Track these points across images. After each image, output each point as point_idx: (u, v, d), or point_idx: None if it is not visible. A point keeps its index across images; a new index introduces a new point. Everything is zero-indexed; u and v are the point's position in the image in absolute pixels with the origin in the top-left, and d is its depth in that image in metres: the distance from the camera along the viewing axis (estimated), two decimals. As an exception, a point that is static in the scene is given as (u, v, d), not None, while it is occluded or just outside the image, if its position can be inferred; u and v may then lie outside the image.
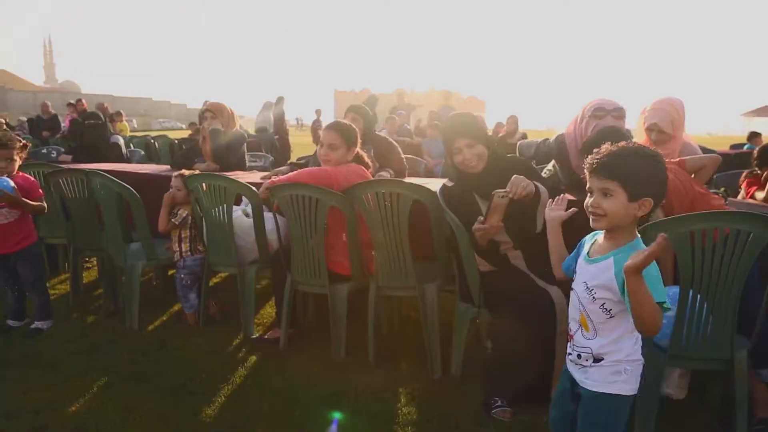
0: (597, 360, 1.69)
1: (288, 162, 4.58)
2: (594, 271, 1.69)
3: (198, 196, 3.51)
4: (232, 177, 3.49)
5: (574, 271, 1.79)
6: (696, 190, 2.69)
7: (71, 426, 2.56)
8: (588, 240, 1.81)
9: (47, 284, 3.99)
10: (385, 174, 3.87)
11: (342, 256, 3.19)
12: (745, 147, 8.54)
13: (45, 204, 3.55)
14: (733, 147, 9.36)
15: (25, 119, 14.96)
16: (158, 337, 3.55)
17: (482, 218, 2.55)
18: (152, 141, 9.28)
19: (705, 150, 3.27)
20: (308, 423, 2.59)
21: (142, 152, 7.27)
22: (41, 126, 11.66)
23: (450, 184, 2.86)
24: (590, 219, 1.68)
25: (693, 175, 2.80)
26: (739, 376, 2.21)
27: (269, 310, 4.02)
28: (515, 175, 2.41)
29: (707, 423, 2.56)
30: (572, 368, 1.78)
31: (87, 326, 3.75)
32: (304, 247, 3.15)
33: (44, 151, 6.76)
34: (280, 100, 10.67)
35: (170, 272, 4.34)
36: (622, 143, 1.68)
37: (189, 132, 13.33)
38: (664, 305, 1.50)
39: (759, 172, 3.42)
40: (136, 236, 3.79)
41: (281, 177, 3.35)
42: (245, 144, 4.95)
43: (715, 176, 4.29)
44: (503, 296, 2.63)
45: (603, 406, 1.69)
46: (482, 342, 3.16)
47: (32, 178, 3.59)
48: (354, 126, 3.42)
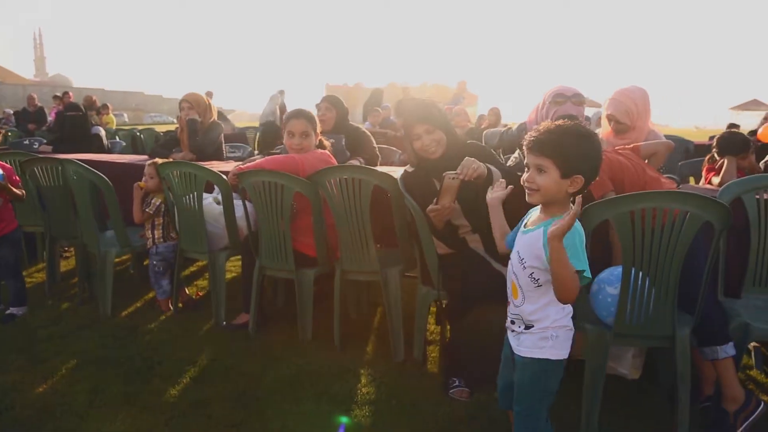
0: (528, 327, 1.80)
1: (264, 152, 4.63)
2: (526, 241, 1.78)
3: (170, 184, 3.55)
4: (204, 165, 3.54)
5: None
6: (649, 174, 2.76)
7: (38, 406, 2.61)
8: (528, 215, 1.89)
9: (24, 273, 4.03)
10: (355, 162, 3.93)
11: (312, 238, 3.26)
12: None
13: (24, 191, 3.60)
14: (712, 138, 9.48)
15: (11, 111, 14.94)
16: (130, 323, 3.60)
17: (436, 199, 2.61)
18: (138, 134, 9.31)
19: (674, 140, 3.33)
20: (270, 403, 2.65)
21: (124, 143, 7.31)
22: (27, 118, 11.70)
23: (411, 170, 2.92)
24: (526, 193, 1.77)
25: (647, 161, 2.87)
26: (681, 353, 2.28)
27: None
28: (467, 158, 2.47)
29: (658, 401, 2.64)
30: (510, 335, 1.90)
31: (61, 313, 3.80)
32: (271, 233, 3.21)
33: (26, 143, 6.81)
34: (281, 94, 11.70)
35: (146, 262, 4.38)
36: (559, 122, 1.76)
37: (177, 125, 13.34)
38: (584, 274, 1.58)
39: (718, 159, 3.50)
40: (112, 224, 3.84)
41: (248, 164, 3.40)
42: (222, 134, 4.99)
43: (680, 164, 4.39)
44: (460, 279, 2.69)
45: (534, 370, 1.80)
46: None
47: (8, 165, 3.64)
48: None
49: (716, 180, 3.35)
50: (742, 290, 2.75)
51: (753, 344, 3.05)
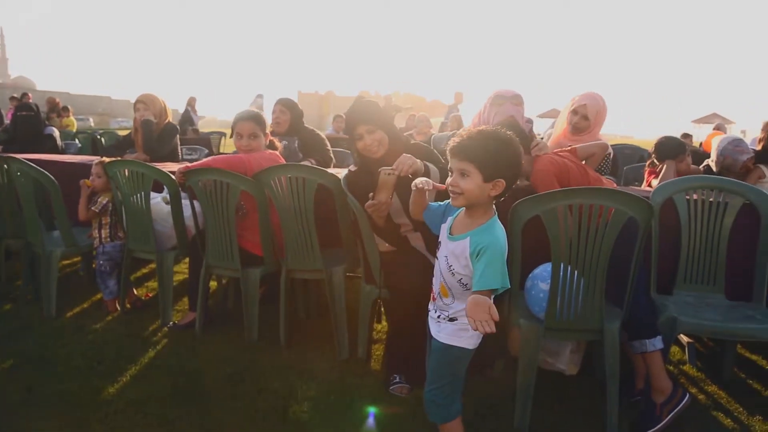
0: (452, 320, 1.90)
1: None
2: (453, 248, 1.84)
3: (117, 183, 3.52)
4: (152, 165, 3.51)
5: (439, 235, 1.96)
6: (591, 175, 2.85)
7: (-32, 405, 2.55)
8: (453, 213, 1.93)
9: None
10: (307, 163, 3.95)
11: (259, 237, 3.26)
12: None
13: None
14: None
15: (-33, 113, 14.54)
16: (75, 324, 3.54)
17: (372, 194, 2.65)
18: (99, 136, 9.15)
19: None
20: (208, 400, 2.64)
21: (80, 145, 7.19)
22: (-17, 119, 11.38)
23: (354, 170, 2.95)
24: (450, 197, 1.82)
25: (584, 162, 2.96)
26: (610, 345, 2.35)
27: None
28: (403, 154, 2.51)
29: (593, 396, 2.69)
30: (431, 322, 2.00)
31: (3, 313, 3.71)
32: (218, 232, 3.20)
33: (-21, 143, 6.63)
34: (260, 97, 12.34)
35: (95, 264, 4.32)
36: (482, 127, 1.82)
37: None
38: (498, 290, 1.66)
39: (657, 164, 3.62)
40: (58, 224, 3.77)
41: (195, 162, 3.39)
42: (177, 136, 4.95)
43: (625, 168, 4.52)
44: (400, 276, 2.72)
45: (450, 354, 1.91)
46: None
47: None
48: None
49: (655, 182, 3.47)
50: (674, 287, 2.85)
51: (687, 340, 3.15)
